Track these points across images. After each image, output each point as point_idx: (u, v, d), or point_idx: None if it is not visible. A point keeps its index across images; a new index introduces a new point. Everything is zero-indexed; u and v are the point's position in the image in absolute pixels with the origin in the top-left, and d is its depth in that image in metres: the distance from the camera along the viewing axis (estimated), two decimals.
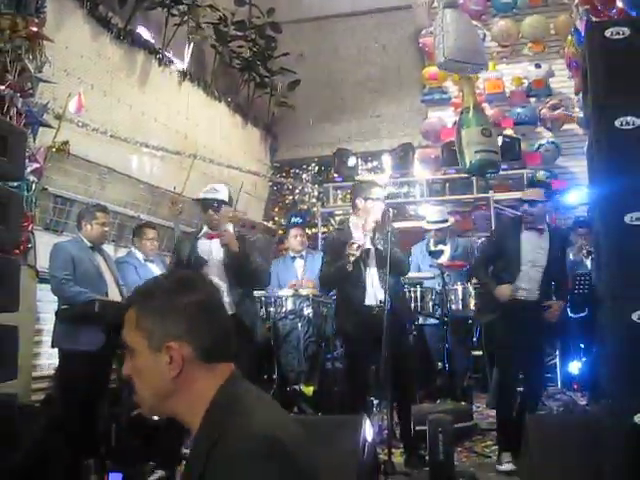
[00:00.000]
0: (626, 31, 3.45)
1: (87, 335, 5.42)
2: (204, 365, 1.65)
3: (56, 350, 5.83)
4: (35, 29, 5.75)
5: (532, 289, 5.51)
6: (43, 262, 6.14)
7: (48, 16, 6.05)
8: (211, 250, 5.43)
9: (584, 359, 7.45)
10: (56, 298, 5.85)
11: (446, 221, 7.73)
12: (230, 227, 5.53)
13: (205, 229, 5.54)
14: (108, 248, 6.53)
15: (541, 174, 9.72)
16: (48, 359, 6.33)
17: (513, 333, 5.43)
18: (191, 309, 1.66)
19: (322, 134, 11.23)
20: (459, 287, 6.94)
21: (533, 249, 5.54)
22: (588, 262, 7.50)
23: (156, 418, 4.31)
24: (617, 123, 3.37)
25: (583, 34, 5.31)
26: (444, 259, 7.23)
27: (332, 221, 10.21)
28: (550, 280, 5.58)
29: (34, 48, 5.77)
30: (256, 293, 7.20)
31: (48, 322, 6.05)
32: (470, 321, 7.18)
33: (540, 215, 5.59)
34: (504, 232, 5.87)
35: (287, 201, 11.41)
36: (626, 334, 3.18)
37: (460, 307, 6.88)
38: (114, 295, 5.87)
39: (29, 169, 5.56)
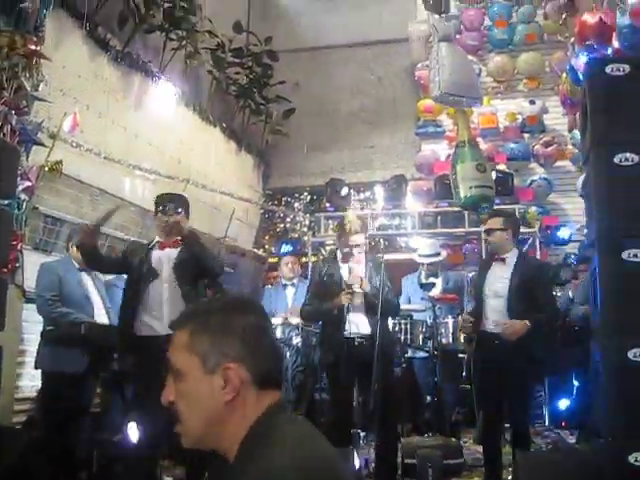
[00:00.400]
0: (626, 68, 3.46)
1: (71, 357, 5.34)
2: (256, 391, 1.59)
3: (39, 372, 5.76)
4: (33, 47, 5.72)
5: (499, 321, 5.32)
6: (31, 282, 6.07)
7: (47, 35, 6.02)
8: (162, 262, 5.03)
9: (573, 396, 7.40)
10: (42, 319, 5.79)
11: (438, 254, 7.70)
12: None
13: (157, 239, 5.18)
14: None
15: (533, 210, 9.74)
16: (31, 380, 6.22)
17: (486, 366, 5.36)
18: (249, 331, 1.61)
19: (315, 163, 11.23)
20: (449, 320, 6.90)
21: (495, 280, 5.44)
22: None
23: None
24: (616, 159, 3.37)
25: (583, 70, 5.34)
26: (435, 292, 7.19)
27: (323, 250, 10.16)
28: (521, 311, 5.25)
29: (31, 66, 5.73)
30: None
31: (33, 343, 5.96)
32: (460, 355, 7.14)
33: (501, 244, 5.45)
34: (479, 268, 5.90)
35: (278, 229, 11.36)
36: (622, 372, 3.15)
37: (450, 340, 6.83)
38: (101, 317, 5.82)
39: (20, 187, 5.50)
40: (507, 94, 10.83)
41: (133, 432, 4.91)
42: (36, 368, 5.70)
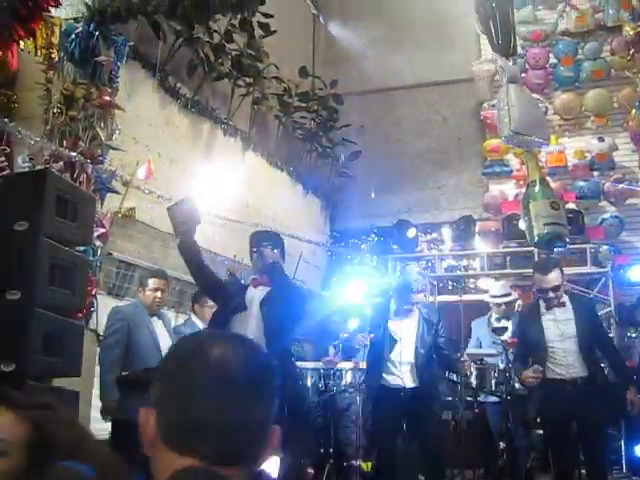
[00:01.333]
0: None
1: (137, 403, 5.34)
2: (167, 450, 1.30)
3: None
4: (108, 98, 5.92)
5: (569, 365, 5.31)
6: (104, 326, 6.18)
7: (120, 85, 6.23)
8: (253, 298, 4.94)
9: None
10: None
11: (509, 295, 7.59)
12: None
13: (252, 276, 5.16)
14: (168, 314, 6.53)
15: (605, 249, 9.54)
16: (105, 423, 6.29)
17: (558, 413, 5.28)
18: (176, 376, 1.34)
19: (382, 204, 11.22)
20: None
21: (557, 324, 5.41)
22: None
23: None
24: None
25: None
26: (507, 335, 7.07)
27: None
28: (591, 354, 5.36)
29: (106, 116, 5.94)
30: (315, 365, 7.15)
31: None
32: None
33: (562, 294, 5.50)
34: (525, 320, 5.91)
35: (346, 271, 11.34)
36: None
37: (522, 385, 6.68)
38: None
39: (95, 234, 5.63)
40: (575, 132, 10.69)
41: None
42: (100, 414, 5.64)
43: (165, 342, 5.88)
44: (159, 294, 5.90)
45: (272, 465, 4.68)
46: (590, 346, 5.33)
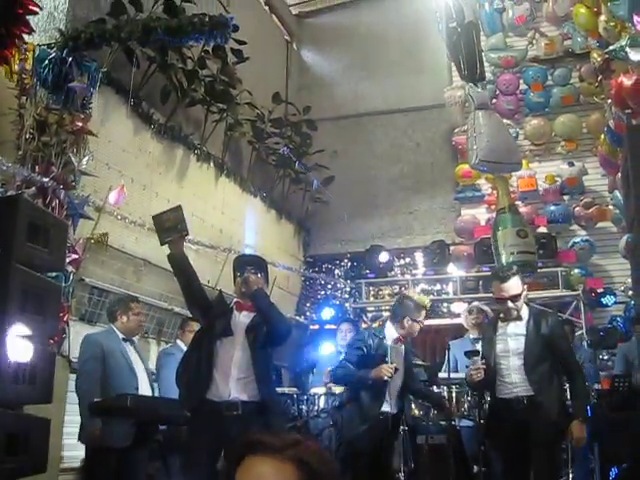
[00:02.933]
0: None
1: (114, 430, 5.35)
2: None
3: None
4: (80, 124, 5.92)
5: (514, 383, 4.91)
6: (76, 352, 6.14)
7: (93, 111, 6.23)
8: (238, 323, 4.88)
9: (624, 464, 7.17)
10: None
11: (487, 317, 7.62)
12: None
13: (235, 300, 5.04)
14: (149, 343, 6.53)
15: (576, 272, 9.65)
16: (76, 451, 6.23)
17: (499, 436, 5.02)
18: None
19: (355, 230, 11.27)
20: None
21: (507, 339, 5.04)
22: None
23: None
24: None
25: (624, 134, 5.33)
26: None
27: (364, 317, 10.11)
28: (538, 372, 4.86)
29: (79, 142, 5.94)
30: (288, 390, 7.13)
31: (76, 413, 5.99)
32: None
33: (522, 305, 5.08)
34: (483, 335, 5.53)
35: (319, 296, 11.36)
36: None
37: (469, 387, 6.68)
38: (144, 389, 5.83)
39: (68, 260, 5.60)
40: (545, 157, 10.83)
41: None
42: (80, 441, 5.64)
43: (139, 366, 5.89)
44: (142, 317, 6.12)
45: None
46: (537, 364, 4.86)
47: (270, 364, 5.00)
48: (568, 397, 5.24)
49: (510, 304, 5.00)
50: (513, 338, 5.01)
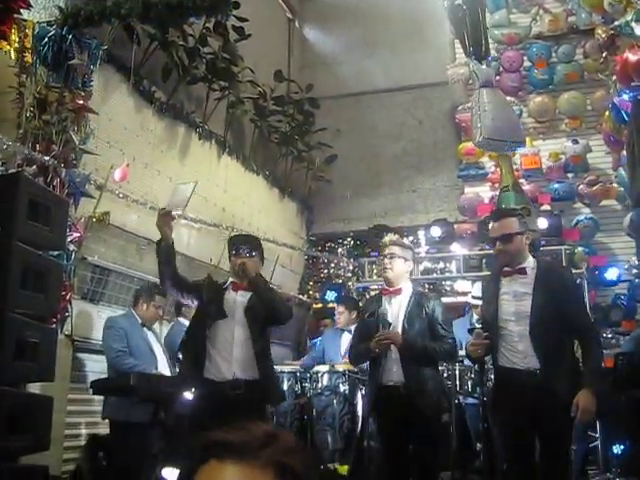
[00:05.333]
0: None
1: (138, 407, 5.49)
2: None
3: (87, 420, 6.01)
4: (81, 102, 5.89)
5: (525, 352, 4.28)
6: (79, 331, 6.17)
7: (94, 89, 6.19)
8: (235, 304, 4.87)
9: (629, 440, 7.16)
10: (91, 367, 5.94)
11: None
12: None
13: (230, 279, 5.04)
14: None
15: (580, 250, 9.62)
16: (80, 429, 6.26)
17: (506, 411, 4.39)
18: None
19: (358, 208, 11.26)
20: None
21: (516, 297, 4.40)
22: None
23: None
24: None
25: (629, 110, 5.30)
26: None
27: (367, 295, 10.11)
28: (546, 339, 4.23)
29: (79, 120, 5.90)
30: (291, 368, 7.14)
31: (82, 392, 6.03)
32: None
33: (520, 252, 4.44)
34: (483, 295, 4.84)
35: (322, 275, 11.36)
36: None
37: (470, 360, 6.65)
38: (164, 369, 5.99)
39: (69, 238, 5.60)
40: (549, 134, 10.77)
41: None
42: (103, 418, 5.84)
43: (158, 348, 6.01)
44: (160, 312, 6.31)
45: None
46: (546, 329, 4.22)
47: (268, 343, 5.01)
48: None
49: (498, 245, 4.43)
50: (519, 298, 4.38)
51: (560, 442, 4.25)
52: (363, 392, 6.75)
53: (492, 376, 5.23)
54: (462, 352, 6.72)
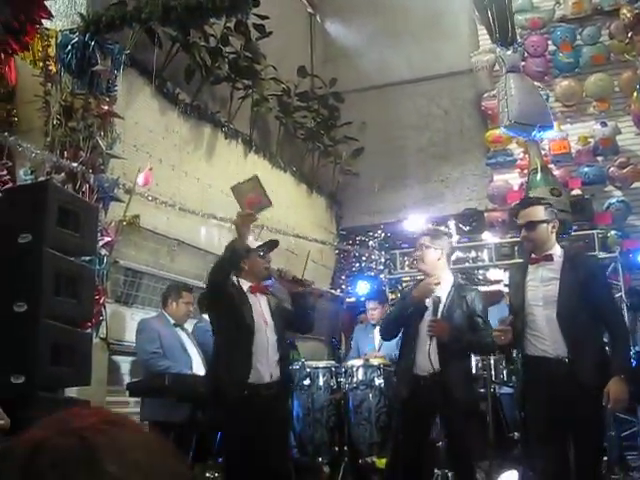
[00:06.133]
0: None
1: (175, 408, 5.55)
2: None
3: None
4: (106, 107, 5.95)
5: (554, 339, 4.24)
6: (114, 334, 6.23)
7: (118, 94, 6.25)
8: (261, 306, 4.89)
9: None
10: (127, 370, 6.00)
11: None
12: None
13: (245, 281, 4.93)
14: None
15: (612, 234, 9.51)
16: None
17: (536, 402, 4.38)
18: None
19: (387, 200, 11.23)
20: None
21: (543, 283, 4.37)
22: None
23: None
24: None
25: None
26: None
27: (399, 287, 10.08)
28: (574, 326, 4.19)
29: (105, 126, 5.96)
30: (327, 363, 7.16)
31: (119, 394, 6.10)
32: None
33: (545, 241, 4.42)
34: (510, 281, 4.87)
35: (354, 268, 11.35)
36: None
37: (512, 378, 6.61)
38: (198, 369, 6.02)
39: (101, 243, 5.66)
40: (577, 118, 10.64)
41: None
42: (142, 420, 5.83)
43: (192, 348, 6.05)
44: (191, 307, 6.34)
45: None
46: (573, 315, 4.19)
47: (287, 343, 5.23)
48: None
49: (524, 232, 4.46)
50: (546, 283, 4.35)
51: (592, 431, 4.20)
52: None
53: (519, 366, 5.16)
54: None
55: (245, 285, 4.89)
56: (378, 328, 7.34)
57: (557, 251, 4.44)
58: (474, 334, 4.84)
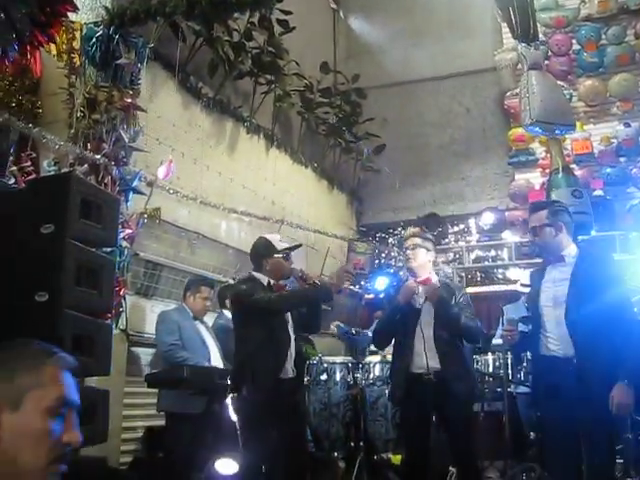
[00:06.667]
0: None
1: (192, 399, 5.57)
2: None
3: (144, 413, 6.20)
4: (130, 100, 5.99)
5: (564, 339, 4.22)
6: (134, 326, 6.29)
7: (142, 87, 6.29)
8: None
9: None
10: (146, 361, 6.05)
11: None
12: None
13: (272, 282, 5.05)
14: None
15: (634, 235, 9.45)
16: (137, 421, 6.39)
17: (545, 402, 4.42)
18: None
19: (407, 198, 11.22)
20: None
21: (555, 284, 4.38)
22: None
23: None
24: None
25: None
26: None
27: None
28: (582, 326, 4.14)
29: (128, 118, 6.00)
30: (344, 359, 7.17)
31: (138, 385, 6.15)
32: None
33: (550, 244, 4.45)
34: (533, 276, 4.79)
35: (374, 265, 11.34)
36: None
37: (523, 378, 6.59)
38: (216, 362, 6.10)
39: (122, 235, 5.70)
40: (600, 118, 10.56)
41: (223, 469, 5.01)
42: (159, 411, 5.99)
43: (210, 341, 6.09)
44: (208, 302, 6.35)
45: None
46: (582, 316, 4.13)
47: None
48: None
49: (531, 236, 4.63)
50: (557, 284, 4.35)
51: (601, 432, 4.13)
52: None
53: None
54: None
55: (264, 280, 5.01)
56: None
57: (571, 252, 4.44)
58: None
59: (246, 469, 4.79)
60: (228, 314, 6.73)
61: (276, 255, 5.04)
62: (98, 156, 5.69)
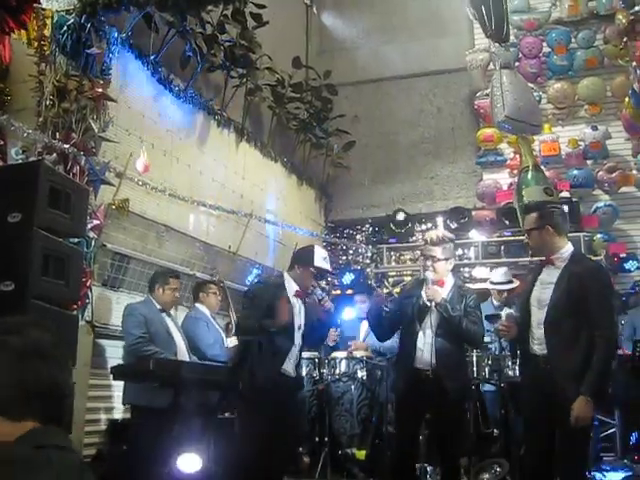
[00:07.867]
0: None
1: (158, 393, 5.54)
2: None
3: (108, 405, 6.15)
4: (100, 90, 5.92)
5: (542, 340, 4.36)
6: (99, 317, 6.24)
7: (113, 77, 6.23)
8: (300, 309, 5.37)
9: None
10: (112, 353, 6.00)
11: (511, 282, 7.62)
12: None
13: (295, 288, 5.38)
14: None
15: (598, 237, 9.58)
16: (101, 414, 6.33)
17: (524, 398, 4.70)
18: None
19: (376, 195, 11.27)
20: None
21: (542, 286, 4.49)
22: None
23: None
24: None
25: None
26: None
27: (385, 282, 10.12)
28: (560, 328, 4.26)
29: (99, 108, 5.94)
30: (310, 354, 7.20)
31: (103, 377, 6.10)
32: None
33: (540, 245, 4.55)
34: (531, 276, 4.87)
35: (341, 261, 11.37)
36: None
37: (517, 373, 6.68)
38: (183, 355, 6.09)
39: (89, 226, 5.65)
40: (568, 121, 10.69)
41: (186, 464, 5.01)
42: (124, 404, 6.00)
43: (176, 334, 6.08)
44: (177, 294, 6.36)
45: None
46: (560, 320, 4.25)
47: None
48: None
49: (525, 237, 4.81)
50: (544, 286, 4.46)
51: (574, 432, 4.15)
52: (379, 377, 6.82)
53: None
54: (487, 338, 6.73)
55: (290, 283, 5.38)
56: (365, 322, 7.39)
57: (563, 255, 4.48)
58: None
59: (240, 463, 4.94)
60: (202, 308, 6.74)
61: (310, 268, 5.35)
62: (67, 145, 5.61)
